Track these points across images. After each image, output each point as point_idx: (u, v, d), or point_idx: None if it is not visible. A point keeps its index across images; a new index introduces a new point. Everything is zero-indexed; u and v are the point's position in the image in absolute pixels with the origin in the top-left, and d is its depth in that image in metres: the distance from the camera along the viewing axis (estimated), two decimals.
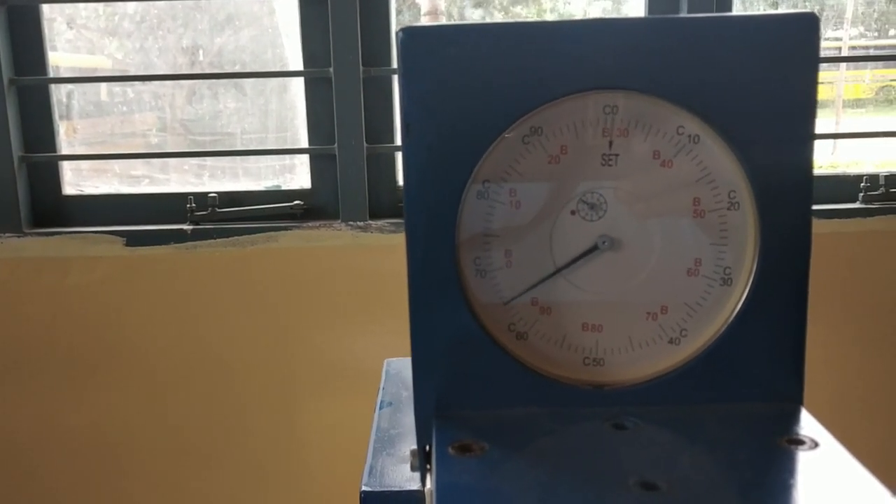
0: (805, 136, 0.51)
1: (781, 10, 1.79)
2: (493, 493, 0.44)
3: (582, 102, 0.52)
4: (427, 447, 0.54)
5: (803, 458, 0.46)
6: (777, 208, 0.51)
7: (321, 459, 1.61)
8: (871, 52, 1.95)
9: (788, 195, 0.51)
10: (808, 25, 0.49)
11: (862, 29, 1.87)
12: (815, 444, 0.47)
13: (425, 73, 0.51)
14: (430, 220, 0.52)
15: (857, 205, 1.59)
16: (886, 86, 2.28)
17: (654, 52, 0.50)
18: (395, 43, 0.50)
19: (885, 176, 1.59)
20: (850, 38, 1.88)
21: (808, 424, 0.50)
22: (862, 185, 1.60)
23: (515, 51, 0.50)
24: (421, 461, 0.55)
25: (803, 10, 0.49)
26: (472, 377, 0.53)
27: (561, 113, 0.52)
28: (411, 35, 0.50)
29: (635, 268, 0.54)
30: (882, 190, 1.59)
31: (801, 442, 0.47)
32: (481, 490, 0.44)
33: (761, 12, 0.64)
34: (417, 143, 0.51)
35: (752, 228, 0.52)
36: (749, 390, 0.53)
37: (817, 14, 0.49)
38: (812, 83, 0.50)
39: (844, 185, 1.62)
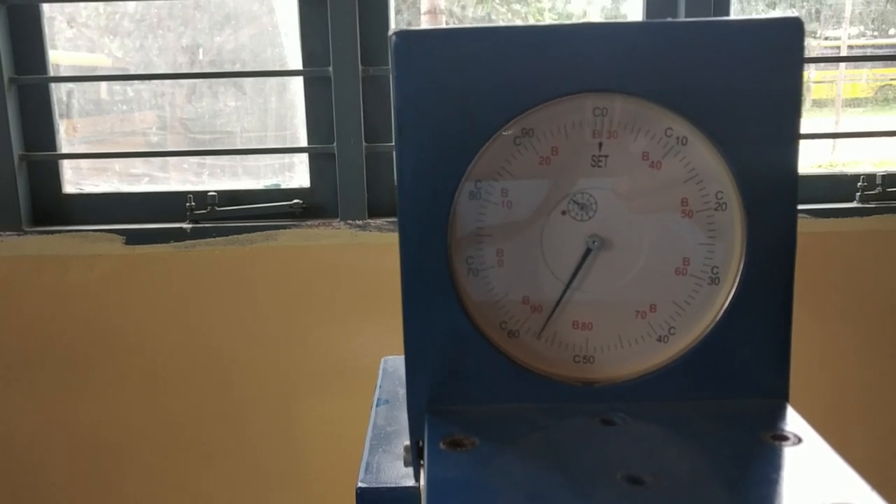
0: (790, 138, 0.52)
1: (778, 10, 1.79)
2: (483, 487, 0.45)
3: (572, 105, 0.53)
4: (420, 443, 0.55)
5: (787, 453, 0.46)
6: (763, 208, 0.52)
7: (319, 456, 1.62)
8: (870, 52, 1.95)
9: (774, 196, 0.52)
10: (793, 30, 0.50)
11: (861, 28, 1.88)
12: (799, 440, 0.48)
13: (418, 75, 0.51)
14: (423, 220, 0.53)
15: (854, 204, 1.60)
16: (885, 85, 2.28)
17: (644, 55, 0.51)
18: (388, 46, 0.51)
19: (882, 175, 1.60)
20: (850, 38, 1.89)
21: (793, 420, 0.51)
22: (859, 184, 1.60)
23: (507, 53, 0.51)
24: (414, 456, 0.56)
25: (788, 16, 0.50)
26: (463, 374, 0.54)
27: (552, 115, 0.53)
28: (404, 38, 0.51)
29: (625, 267, 0.55)
30: (879, 189, 1.59)
31: (785, 438, 0.48)
32: (471, 484, 0.45)
33: (748, 17, 0.65)
34: (410, 144, 0.52)
35: (739, 228, 0.53)
36: (736, 387, 0.54)
37: (803, 19, 0.50)
38: (797, 86, 0.51)
39: (841, 185, 1.63)
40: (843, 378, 1.62)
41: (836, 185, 1.63)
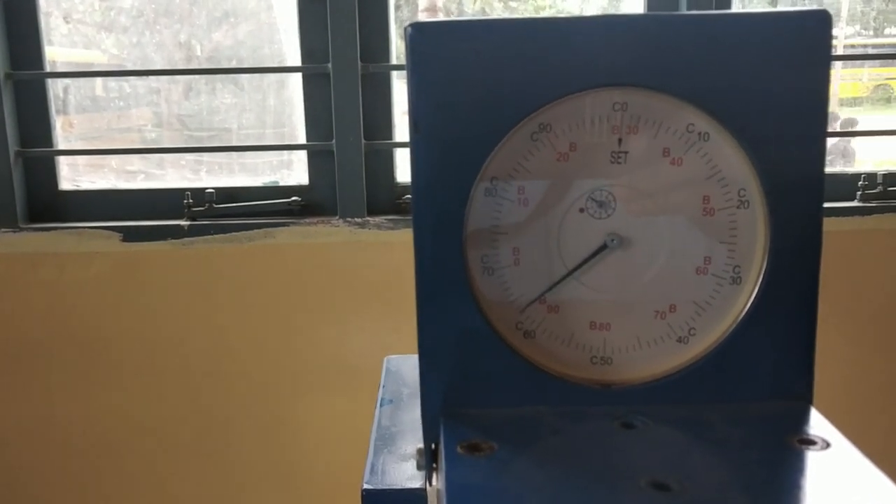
0: (816, 135, 0.50)
1: (780, 8, 1.78)
2: (504, 492, 0.43)
3: (591, 99, 0.51)
4: (433, 446, 0.54)
5: (816, 458, 0.45)
6: (787, 207, 0.51)
7: (317, 455, 1.61)
8: (869, 51, 1.95)
9: (799, 194, 0.51)
10: (820, 23, 0.49)
11: (858, 27, 1.87)
12: (827, 445, 0.46)
13: (434, 69, 0.50)
14: (438, 218, 0.51)
15: (854, 203, 1.59)
16: (882, 84, 2.28)
17: (665, 48, 0.50)
18: (405, 38, 0.50)
19: (883, 174, 1.59)
20: (846, 37, 1.88)
21: (819, 424, 0.49)
22: (860, 183, 1.60)
23: (525, 47, 0.50)
24: (427, 460, 0.55)
25: (816, 8, 0.49)
26: (479, 375, 0.53)
27: (570, 110, 0.51)
28: (420, 31, 0.50)
29: (644, 266, 0.54)
30: (880, 188, 1.59)
31: (812, 442, 0.47)
32: (492, 489, 0.44)
33: (771, 9, 0.64)
34: (426, 139, 0.51)
35: (761, 227, 0.52)
36: (758, 389, 0.53)
37: (829, 12, 0.49)
38: (824, 81, 0.50)
39: (842, 184, 1.62)
40: (846, 377, 1.62)
41: (837, 185, 1.62)
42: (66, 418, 1.59)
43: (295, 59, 1.56)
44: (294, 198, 1.56)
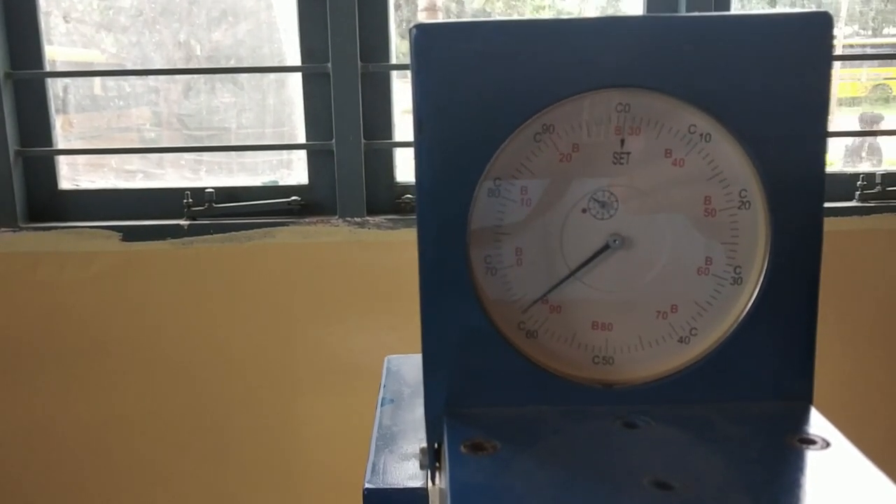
0: (817, 136, 0.51)
1: (779, 9, 1.79)
2: (508, 491, 0.44)
3: (594, 100, 0.52)
4: (436, 445, 0.54)
5: (816, 457, 0.46)
6: (788, 208, 0.51)
7: (317, 455, 1.61)
8: (868, 51, 1.95)
9: (800, 194, 0.51)
10: (821, 24, 0.49)
11: (856, 27, 1.88)
12: (827, 444, 0.47)
13: (438, 70, 0.50)
14: (441, 218, 0.52)
15: (853, 203, 1.60)
16: (881, 84, 2.28)
17: (667, 50, 0.50)
18: (409, 40, 0.50)
19: (882, 174, 1.60)
20: (845, 37, 1.89)
21: (819, 424, 0.50)
22: (858, 183, 1.60)
23: (529, 48, 0.50)
24: (430, 459, 0.55)
25: (817, 10, 0.49)
26: (482, 375, 0.53)
27: (573, 111, 0.52)
28: (425, 32, 0.50)
29: (646, 266, 0.54)
30: (878, 188, 1.59)
31: (812, 441, 0.47)
32: (496, 489, 0.44)
33: (772, 11, 0.64)
34: (430, 140, 0.51)
35: (762, 227, 0.52)
36: (759, 389, 0.53)
37: (831, 14, 0.49)
38: (825, 82, 0.50)
39: (841, 184, 1.62)
40: (844, 376, 1.62)
41: (836, 184, 1.63)
42: (64, 417, 1.59)
43: (295, 58, 1.57)
44: (294, 197, 1.57)
